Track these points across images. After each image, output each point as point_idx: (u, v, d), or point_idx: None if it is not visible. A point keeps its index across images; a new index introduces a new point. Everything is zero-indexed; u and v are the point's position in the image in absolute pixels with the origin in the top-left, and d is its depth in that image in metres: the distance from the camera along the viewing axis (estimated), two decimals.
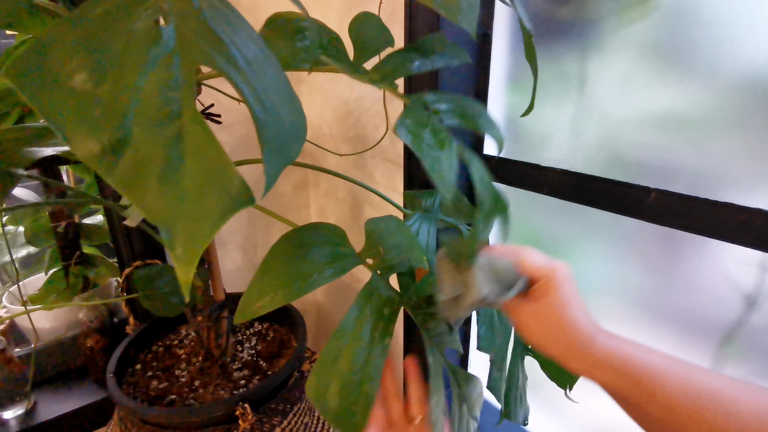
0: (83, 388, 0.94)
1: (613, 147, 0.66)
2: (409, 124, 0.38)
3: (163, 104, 0.20)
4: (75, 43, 0.21)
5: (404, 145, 0.88)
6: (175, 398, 0.70)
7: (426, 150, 0.36)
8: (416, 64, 0.52)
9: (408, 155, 0.88)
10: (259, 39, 0.29)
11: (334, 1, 0.97)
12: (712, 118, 0.55)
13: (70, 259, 0.93)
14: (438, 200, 0.69)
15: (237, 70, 0.24)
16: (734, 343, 0.58)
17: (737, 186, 0.54)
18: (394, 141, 0.92)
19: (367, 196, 1.04)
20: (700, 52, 0.55)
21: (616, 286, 0.70)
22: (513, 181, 0.79)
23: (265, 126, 0.23)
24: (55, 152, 0.58)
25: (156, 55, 0.22)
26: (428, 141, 0.38)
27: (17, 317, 0.87)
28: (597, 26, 0.64)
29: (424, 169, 0.35)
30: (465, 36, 0.78)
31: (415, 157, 0.64)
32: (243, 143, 1.05)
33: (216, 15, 0.26)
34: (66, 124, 0.19)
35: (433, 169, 0.35)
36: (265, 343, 0.84)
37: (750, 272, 0.55)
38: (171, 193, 0.19)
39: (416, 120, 0.39)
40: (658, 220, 0.60)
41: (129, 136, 0.19)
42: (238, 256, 1.15)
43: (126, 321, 0.83)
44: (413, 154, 0.52)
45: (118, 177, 0.19)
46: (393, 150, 0.92)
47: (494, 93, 0.82)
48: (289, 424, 0.67)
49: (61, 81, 0.20)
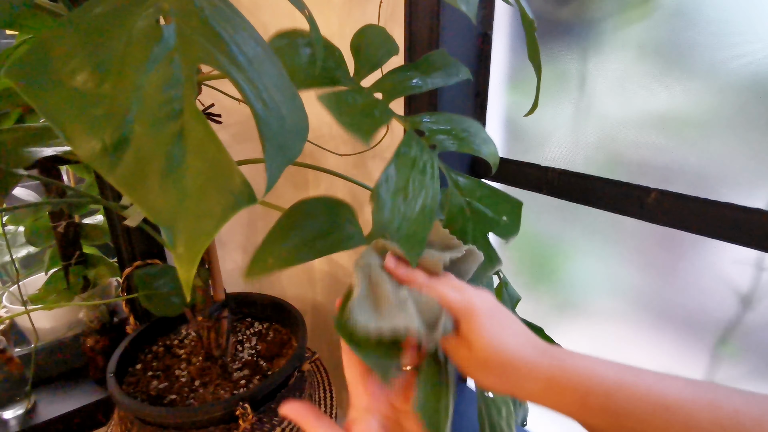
0: (83, 388, 0.93)
1: (613, 147, 0.66)
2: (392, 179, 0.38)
3: (164, 103, 0.20)
4: (76, 42, 0.21)
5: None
6: (176, 398, 0.70)
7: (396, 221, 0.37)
8: (416, 82, 0.52)
9: None
10: (260, 37, 0.29)
11: (334, 1, 0.97)
12: (712, 117, 0.55)
13: (70, 259, 0.93)
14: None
15: (238, 68, 0.24)
16: (731, 342, 0.58)
17: (737, 186, 0.54)
18: (394, 141, 0.92)
19: (368, 196, 1.04)
20: (700, 52, 0.55)
21: (615, 285, 0.70)
22: (513, 181, 0.79)
23: (266, 124, 0.23)
24: (55, 152, 0.58)
25: (157, 54, 0.22)
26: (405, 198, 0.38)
27: (17, 317, 0.87)
28: (597, 26, 0.65)
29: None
30: (465, 36, 0.78)
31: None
32: (243, 143, 1.05)
33: (217, 14, 0.26)
34: (67, 124, 0.19)
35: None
36: (265, 343, 0.84)
37: (747, 272, 0.55)
38: (172, 192, 0.19)
39: (401, 174, 0.39)
40: (657, 220, 0.60)
41: (130, 134, 0.19)
42: (238, 256, 1.15)
43: (126, 321, 0.83)
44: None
45: (120, 176, 0.19)
46: (393, 150, 0.92)
47: (494, 93, 0.82)
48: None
49: (62, 81, 0.20)
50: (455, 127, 0.49)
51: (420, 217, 0.39)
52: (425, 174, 0.41)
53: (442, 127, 0.48)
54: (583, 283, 0.74)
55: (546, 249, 0.80)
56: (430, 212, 0.40)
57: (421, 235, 0.39)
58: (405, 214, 0.39)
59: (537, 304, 0.82)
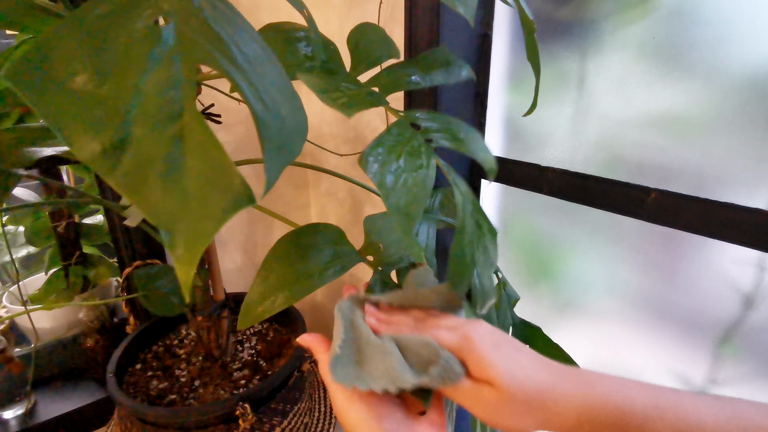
0: (83, 388, 0.94)
1: (612, 147, 0.66)
2: (380, 153, 0.37)
3: (164, 104, 0.20)
4: (75, 44, 0.21)
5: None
6: (175, 398, 0.70)
7: (388, 184, 0.35)
8: (414, 79, 0.52)
9: None
10: (260, 38, 0.29)
11: (334, 1, 0.97)
12: (712, 118, 0.55)
13: (70, 259, 0.93)
14: (438, 200, 0.69)
15: (237, 69, 0.24)
16: (732, 342, 0.58)
17: (737, 186, 0.54)
18: None
19: (368, 196, 1.04)
20: (700, 52, 0.55)
21: (615, 285, 0.70)
22: (513, 181, 0.79)
23: (265, 125, 0.23)
24: (55, 152, 0.58)
25: (156, 55, 0.22)
26: (398, 169, 0.37)
27: (17, 317, 0.87)
28: (597, 26, 0.64)
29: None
30: (465, 36, 0.78)
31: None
32: (243, 143, 1.05)
33: (216, 14, 0.26)
34: (67, 126, 0.19)
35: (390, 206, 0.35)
36: (265, 343, 0.84)
37: (748, 272, 0.55)
38: (172, 193, 0.19)
39: (390, 146, 0.38)
40: (658, 220, 0.60)
41: (130, 136, 0.19)
42: (238, 256, 1.15)
43: (126, 321, 0.83)
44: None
45: (120, 178, 0.19)
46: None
47: (494, 93, 0.82)
48: (289, 424, 0.67)
49: (62, 82, 0.20)
50: (452, 129, 0.49)
51: (413, 190, 0.37)
52: (419, 157, 0.39)
53: (438, 126, 0.48)
54: (583, 283, 0.74)
55: (546, 249, 0.80)
56: (423, 187, 0.37)
57: (414, 209, 0.36)
58: (396, 183, 0.36)
59: (537, 304, 0.82)
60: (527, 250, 0.83)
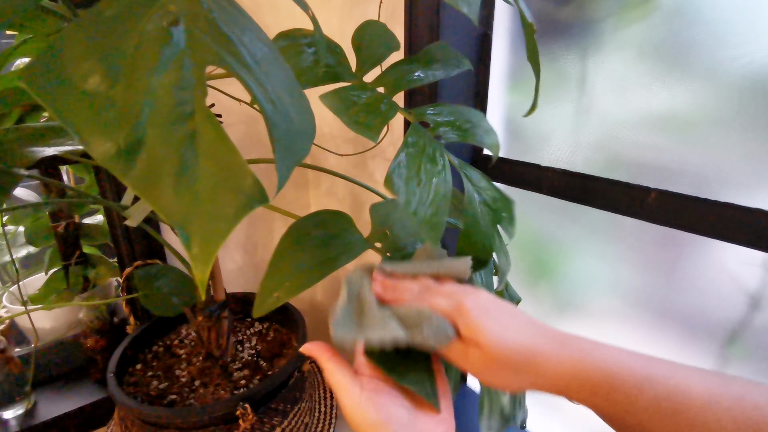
0: (83, 388, 0.93)
1: (612, 147, 0.66)
2: (402, 168, 0.40)
3: (175, 105, 0.20)
4: (87, 46, 0.21)
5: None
6: (176, 398, 0.70)
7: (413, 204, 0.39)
8: (418, 75, 0.52)
9: None
10: (267, 38, 0.30)
11: (334, 0, 0.97)
12: (712, 118, 0.55)
13: (70, 259, 0.93)
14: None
15: (247, 69, 0.24)
16: (738, 343, 0.58)
17: (737, 186, 0.54)
18: (394, 140, 0.92)
19: (368, 196, 1.04)
20: (700, 52, 0.55)
21: (616, 286, 0.70)
22: (513, 181, 0.80)
23: (276, 125, 0.23)
24: (55, 152, 0.58)
25: (167, 56, 0.22)
26: (420, 182, 0.40)
27: (17, 317, 0.87)
28: (596, 26, 0.65)
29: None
30: (465, 35, 0.78)
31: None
32: (243, 143, 1.05)
33: (224, 15, 0.26)
34: (81, 127, 0.19)
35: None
36: (265, 343, 0.84)
37: (754, 273, 0.55)
38: (186, 193, 0.19)
39: (411, 158, 0.40)
40: (658, 220, 0.60)
41: (143, 137, 0.19)
42: (239, 256, 1.15)
43: (126, 321, 0.83)
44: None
45: (135, 178, 0.19)
46: (393, 150, 0.93)
47: (494, 93, 0.83)
48: (289, 424, 0.68)
49: (76, 84, 0.20)
50: (458, 118, 0.50)
51: (435, 200, 0.40)
52: (435, 162, 0.42)
53: (445, 119, 0.49)
54: (583, 283, 0.74)
55: (546, 249, 0.80)
56: (444, 198, 0.40)
57: (438, 219, 0.39)
58: (421, 198, 0.40)
59: (537, 304, 0.83)
60: (527, 250, 0.83)
